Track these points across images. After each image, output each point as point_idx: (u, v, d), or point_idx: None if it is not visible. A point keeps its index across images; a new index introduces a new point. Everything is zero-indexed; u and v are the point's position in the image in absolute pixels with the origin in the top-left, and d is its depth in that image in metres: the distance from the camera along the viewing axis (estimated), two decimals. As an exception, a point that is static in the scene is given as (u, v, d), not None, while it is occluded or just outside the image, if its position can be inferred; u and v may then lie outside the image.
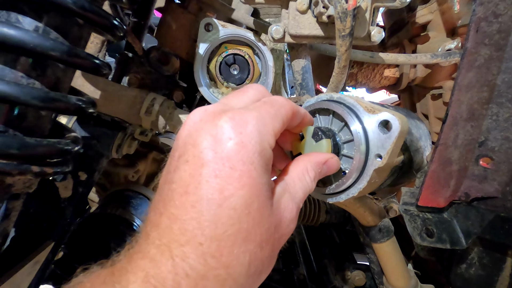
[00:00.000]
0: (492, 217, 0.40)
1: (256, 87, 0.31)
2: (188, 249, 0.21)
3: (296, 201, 0.28)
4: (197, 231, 0.22)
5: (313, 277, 0.97)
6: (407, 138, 0.50)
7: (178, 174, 0.24)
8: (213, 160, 0.23)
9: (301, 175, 0.30)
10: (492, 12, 0.35)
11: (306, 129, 0.36)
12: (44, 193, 0.57)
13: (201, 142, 0.24)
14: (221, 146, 0.23)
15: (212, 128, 0.24)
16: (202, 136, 0.24)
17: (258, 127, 0.25)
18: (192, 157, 0.24)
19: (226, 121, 0.24)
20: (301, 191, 0.29)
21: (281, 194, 0.27)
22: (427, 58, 0.64)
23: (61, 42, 0.30)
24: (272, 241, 0.25)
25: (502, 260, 0.42)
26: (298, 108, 0.31)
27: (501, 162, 0.39)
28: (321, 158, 0.33)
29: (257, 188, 0.24)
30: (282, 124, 0.28)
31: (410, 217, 0.43)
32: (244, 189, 0.23)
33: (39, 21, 0.29)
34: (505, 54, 0.35)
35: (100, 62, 0.34)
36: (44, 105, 0.29)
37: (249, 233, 0.23)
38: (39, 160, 0.30)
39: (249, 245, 0.23)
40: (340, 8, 0.40)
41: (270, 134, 0.26)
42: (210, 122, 0.25)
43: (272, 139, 0.26)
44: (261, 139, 0.25)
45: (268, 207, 0.25)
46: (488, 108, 0.38)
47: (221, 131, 0.24)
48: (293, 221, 0.28)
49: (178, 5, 0.72)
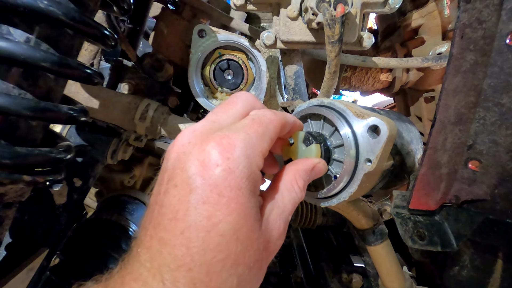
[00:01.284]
0: (482, 219, 0.40)
1: (245, 98, 0.31)
2: (178, 274, 0.22)
3: (285, 215, 0.29)
4: (186, 257, 0.22)
5: (310, 280, 0.97)
6: (398, 142, 0.50)
7: (168, 198, 0.24)
8: (201, 186, 0.23)
9: (289, 186, 0.30)
10: (476, 18, 0.35)
11: (297, 135, 0.36)
12: (38, 200, 0.57)
13: (189, 168, 0.24)
14: (209, 173, 0.24)
15: (200, 153, 0.24)
16: (190, 161, 0.24)
17: (246, 151, 0.25)
18: (180, 182, 0.24)
19: (213, 146, 0.24)
20: (290, 204, 0.30)
21: (269, 212, 0.28)
22: (418, 62, 0.65)
23: (51, 53, 0.30)
24: (260, 260, 0.26)
25: (493, 262, 0.42)
26: (287, 118, 0.32)
27: (489, 165, 0.39)
28: (308, 165, 0.33)
29: (245, 213, 0.24)
30: (271, 141, 0.28)
31: (401, 220, 0.44)
32: (232, 215, 0.23)
33: (30, 33, 0.30)
34: (490, 59, 0.36)
35: (91, 71, 0.35)
36: (35, 115, 0.29)
37: (237, 257, 0.24)
38: (31, 169, 0.31)
39: (238, 268, 0.24)
40: (329, 15, 0.41)
41: (258, 156, 0.26)
42: (198, 146, 0.25)
43: (261, 160, 0.27)
44: (249, 163, 0.25)
45: (256, 230, 0.25)
46: (476, 112, 0.39)
47: (209, 157, 0.24)
48: (281, 237, 0.28)
49: (172, 12, 0.72)
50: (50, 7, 0.28)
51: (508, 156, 0.38)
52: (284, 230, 0.29)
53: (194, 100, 0.64)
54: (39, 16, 0.29)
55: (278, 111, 0.32)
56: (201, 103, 0.62)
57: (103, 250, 0.70)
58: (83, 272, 0.64)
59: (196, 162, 0.24)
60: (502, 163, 0.38)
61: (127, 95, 0.63)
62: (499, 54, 0.35)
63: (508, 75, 0.35)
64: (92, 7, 0.35)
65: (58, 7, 0.29)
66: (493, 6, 0.34)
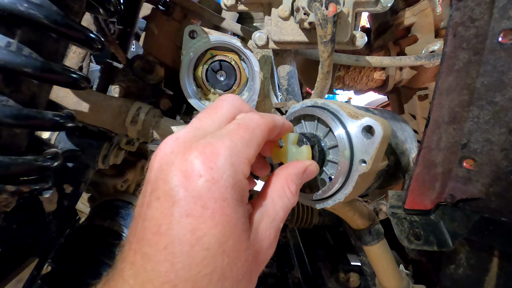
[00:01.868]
0: (477, 218, 0.40)
1: (231, 101, 0.30)
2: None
3: (276, 223, 0.27)
4: (170, 273, 0.21)
5: (307, 280, 0.97)
6: (392, 141, 0.50)
7: (150, 211, 0.23)
8: (184, 198, 0.22)
9: (281, 192, 0.29)
10: (469, 17, 0.35)
11: (286, 137, 0.35)
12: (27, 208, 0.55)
13: (171, 179, 0.23)
14: (192, 184, 0.23)
15: (182, 163, 0.23)
16: (172, 171, 0.23)
17: (231, 159, 0.24)
18: (163, 194, 0.23)
19: (196, 156, 0.23)
20: (282, 211, 0.28)
21: (259, 221, 0.27)
22: (411, 60, 0.65)
23: (34, 58, 0.29)
24: (250, 272, 0.25)
25: (489, 260, 0.42)
26: (275, 121, 0.30)
27: (483, 164, 0.39)
28: (300, 167, 0.32)
29: (231, 224, 0.23)
30: (258, 147, 0.27)
31: (397, 220, 0.44)
32: (217, 228, 0.22)
33: (11, 37, 0.28)
34: (483, 58, 0.36)
35: (77, 75, 0.34)
36: (18, 123, 0.28)
37: (224, 271, 0.22)
38: (15, 179, 0.30)
39: (225, 282, 0.23)
40: (321, 15, 0.40)
41: (244, 164, 0.25)
42: (180, 156, 0.24)
43: (247, 167, 0.25)
44: (234, 172, 0.24)
45: (244, 241, 0.24)
46: (469, 111, 0.39)
47: (191, 168, 0.23)
48: (271, 246, 0.27)
49: (162, 13, 0.71)
50: (31, 10, 0.27)
51: (502, 155, 0.37)
52: (275, 238, 0.27)
53: (186, 102, 0.63)
54: (20, 20, 0.28)
55: (266, 113, 0.31)
56: (194, 104, 0.61)
57: (96, 257, 0.68)
58: (76, 280, 0.63)
59: (178, 172, 0.23)
60: (496, 161, 0.38)
61: (117, 98, 0.62)
62: (492, 52, 0.35)
63: (501, 73, 0.35)
64: (76, 9, 0.33)
65: (39, 10, 0.27)
66: (485, 4, 0.34)
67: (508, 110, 0.36)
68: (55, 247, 0.58)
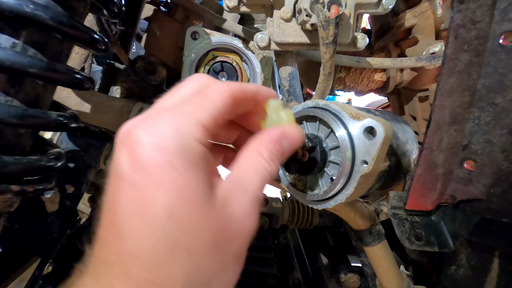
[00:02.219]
0: (478, 219, 0.41)
1: (198, 78, 0.27)
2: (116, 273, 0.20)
3: (251, 193, 0.24)
4: (120, 252, 0.20)
5: (308, 282, 0.97)
6: (393, 142, 0.50)
7: (106, 197, 0.22)
8: (128, 171, 0.21)
9: (252, 161, 0.26)
10: (470, 19, 0.35)
11: (267, 104, 0.31)
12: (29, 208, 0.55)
13: (117, 156, 0.22)
14: (134, 155, 0.21)
15: (127, 137, 0.22)
16: (119, 148, 0.22)
17: (175, 124, 0.22)
18: (113, 175, 0.22)
19: (137, 125, 0.22)
20: (257, 179, 0.25)
21: (227, 189, 0.24)
22: (412, 61, 0.65)
23: (39, 59, 0.29)
24: (218, 244, 0.22)
25: (489, 261, 0.42)
26: (243, 87, 0.27)
27: (484, 165, 0.39)
28: (274, 133, 0.28)
29: (181, 190, 0.21)
30: (217, 113, 0.24)
31: (398, 221, 0.44)
32: (164, 195, 0.20)
33: (17, 38, 0.29)
34: (484, 59, 0.36)
35: (81, 76, 0.34)
36: (22, 123, 0.28)
37: (177, 244, 0.20)
38: (19, 179, 0.30)
39: (182, 257, 0.20)
40: (323, 17, 0.40)
41: (194, 126, 0.23)
42: (127, 133, 0.22)
43: (199, 132, 0.23)
44: (181, 136, 0.22)
45: (202, 209, 0.21)
46: (470, 112, 0.39)
47: (133, 138, 0.22)
48: (249, 217, 0.24)
49: (164, 14, 0.71)
50: (37, 11, 0.27)
51: (503, 156, 0.38)
52: (253, 208, 0.24)
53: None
54: (26, 21, 0.28)
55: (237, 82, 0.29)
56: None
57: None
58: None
59: (123, 147, 0.22)
60: (497, 162, 0.38)
61: (119, 99, 0.62)
62: (493, 54, 0.35)
63: (502, 75, 0.35)
64: (81, 10, 0.34)
65: (45, 11, 0.28)
66: (486, 6, 0.34)
67: (509, 111, 0.36)
68: (56, 247, 0.58)
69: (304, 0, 0.44)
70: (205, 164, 0.23)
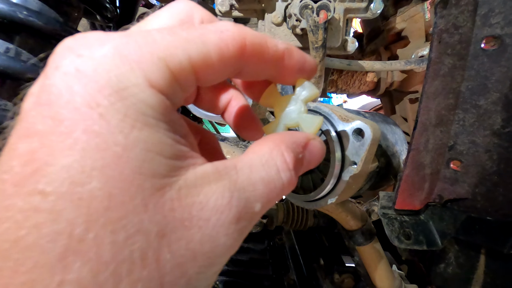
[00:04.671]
0: (464, 217, 0.42)
1: (186, 2, 0.20)
2: None
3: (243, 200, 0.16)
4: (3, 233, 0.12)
5: (303, 282, 0.98)
6: (383, 144, 0.51)
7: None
8: (30, 109, 0.14)
9: (268, 158, 0.18)
10: (453, 24, 0.37)
11: (300, 83, 0.23)
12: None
13: (33, 86, 0.15)
14: (43, 85, 0.14)
15: (53, 57, 0.15)
16: (42, 74, 0.15)
17: (120, 50, 0.14)
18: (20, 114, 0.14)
19: (64, 43, 0.15)
20: (263, 185, 0.17)
21: (202, 177, 0.15)
22: (401, 64, 0.67)
23: (33, 63, 0.30)
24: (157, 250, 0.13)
25: (476, 258, 0.43)
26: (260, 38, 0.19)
27: (469, 165, 0.40)
28: (301, 138, 0.20)
29: (102, 151, 0.13)
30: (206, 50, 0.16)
31: (388, 221, 0.45)
32: (72, 154, 0.12)
33: (10, 43, 0.29)
34: (467, 63, 0.37)
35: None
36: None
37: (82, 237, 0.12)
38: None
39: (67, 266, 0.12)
40: (312, 22, 0.41)
41: (153, 63, 0.14)
42: (59, 50, 0.15)
43: (161, 73, 0.15)
44: (128, 68, 0.14)
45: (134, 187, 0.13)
46: (455, 114, 0.40)
47: (52, 59, 0.14)
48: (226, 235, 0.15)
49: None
50: (30, 17, 0.28)
51: (486, 156, 0.39)
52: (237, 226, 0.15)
53: (183, 106, 0.63)
54: (19, 27, 0.28)
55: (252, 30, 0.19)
56: (191, 109, 0.61)
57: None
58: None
59: (42, 75, 0.14)
60: (481, 162, 0.39)
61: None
62: (475, 58, 0.37)
63: (484, 78, 0.37)
64: (74, 16, 0.34)
65: (38, 17, 0.28)
66: (468, 12, 0.36)
67: (491, 113, 0.37)
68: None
69: (294, 5, 0.45)
70: (166, 125, 0.15)
